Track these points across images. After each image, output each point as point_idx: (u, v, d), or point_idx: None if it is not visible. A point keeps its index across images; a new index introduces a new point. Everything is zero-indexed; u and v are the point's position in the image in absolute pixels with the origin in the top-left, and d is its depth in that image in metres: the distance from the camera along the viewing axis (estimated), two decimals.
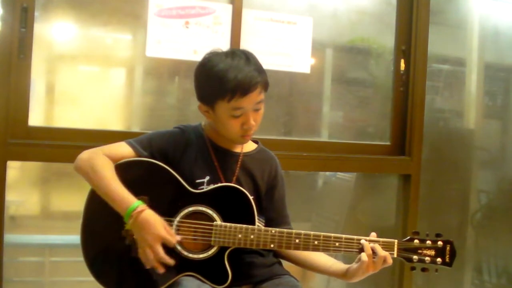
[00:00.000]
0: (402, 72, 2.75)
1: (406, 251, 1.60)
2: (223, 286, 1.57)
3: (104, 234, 1.62)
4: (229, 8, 2.41)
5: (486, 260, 3.24)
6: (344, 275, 1.64)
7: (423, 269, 1.61)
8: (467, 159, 3.13)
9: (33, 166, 2.32)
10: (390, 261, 1.57)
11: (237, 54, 1.61)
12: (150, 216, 1.51)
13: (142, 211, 1.50)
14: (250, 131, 1.63)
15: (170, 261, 1.51)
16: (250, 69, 1.57)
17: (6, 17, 2.09)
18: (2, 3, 2.09)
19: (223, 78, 1.54)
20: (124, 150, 1.64)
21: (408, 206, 2.74)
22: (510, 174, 3.24)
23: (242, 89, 1.54)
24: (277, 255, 1.79)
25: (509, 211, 3.19)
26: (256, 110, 1.62)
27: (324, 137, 2.75)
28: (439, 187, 3.00)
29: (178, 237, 1.55)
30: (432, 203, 2.92)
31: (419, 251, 1.60)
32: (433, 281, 2.98)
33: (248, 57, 1.60)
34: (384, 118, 2.80)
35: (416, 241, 1.61)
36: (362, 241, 1.58)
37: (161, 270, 1.52)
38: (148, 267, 1.53)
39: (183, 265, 1.57)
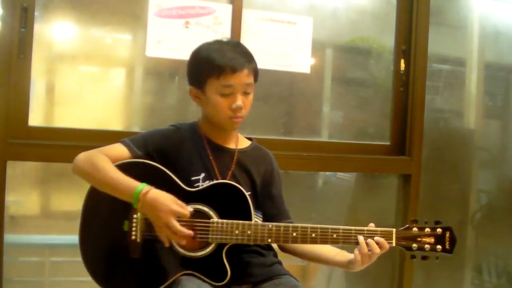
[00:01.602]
0: (402, 72, 2.75)
1: (405, 239, 1.59)
2: (223, 283, 1.57)
3: (102, 235, 1.63)
4: (229, 8, 2.41)
5: (486, 260, 3.24)
6: (346, 265, 1.65)
7: (424, 257, 1.59)
8: (467, 159, 3.12)
9: (33, 166, 2.32)
10: (386, 246, 1.57)
11: (228, 41, 1.71)
12: (158, 194, 1.51)
13: (148, 191, 1.51)
14: (238, 112, 1.64)
15: (189, 232, 1.52)
16: (239, 52, 1.65)
17: (6, 17, 2.10)
18: (2, 3, 2.09)
19: (212, 57, 1.61)
20: (120, 150, 1.65)
21: (408, 206, 2.75)
22: (510, 174, 3.23)
23: (232, 66, 1.60)
24: (283, 249, 1.79)
25: (509, 211, 3.19)
26: (245, 93, 1.64)
27: (324, 137, 2.75)
28: (439, 187, 3.00)
29: (190, 208, 1.55)
30: (432, 203, 2.92)
31: (418, 239, 1.58)
32: (433, 280, 2.97)
33: (238, 44, 1.71)
34: (384, 118, 2.80)
35: (414, 229, 1.59)
36: (359, 239, 1.57)
37: (183, 242, 1.54)
38: (167, 244, 1.54)
39: (181, 263, 1.58)
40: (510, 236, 3.18)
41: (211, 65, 1.60)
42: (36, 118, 2.20)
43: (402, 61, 2.75)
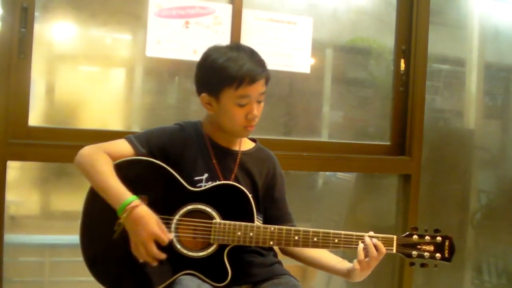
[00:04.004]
0: (402, 72, 2.75)
1: (405, 246, 1.60)
2: (223, 283, 1.57)
3: (103, 234, 1.62)
4: (229, 8, 2.41)
5: (486, 260, 3.24)
6: (347, 274, 1.65)
7: (422, 265, 1.61)
8: (467, 159, 3.13)
9: (33, 166, 2.32)
10: (383, 249, 1.57)
11: (242, 47, 1.66)
12: (144, 212, 1.51)
13: (136, 206, 1.50)
14: (253, 121, 1.64)
15: (163, 256, 1.52)
16: (255, 61, 1.62)
17: (6, 17, 2.09)
18: (2, 3, 2.09)
19: (231, 66, 1.57)
20: (123, 147, 1.65)
21: (408, 206, 2.75)
22: (510, 174, 3.24)
23: (251, 76, 1.57)
24: (285, 253, 1.79)
25: (509, 211, 3.19)
26: (259, 101, 1.64)
27: (324, 137, 2.75)
28: (439, 187, 3.00)
29: (171, 235, 1.55)
30: (432, 203, 2.92)
31: (418, 246, 1.60)
32: (433, 281, 2.98)
33: (253, 51, 1.66)
34: (384, 118, 2.80)
35: (415, 236, 1.61)
36: (359, 247, 1.58)
37: (154, 264, 1.52)
38: (141, 260, 1.53)
39: (182, 263, 1.57)
40: (510, 236, 3.18)
41: (230, 76, 1.57)
42: (36, 118, 2.20)
43: (402, 61, 2.75)
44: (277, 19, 2.52)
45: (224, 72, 1.58)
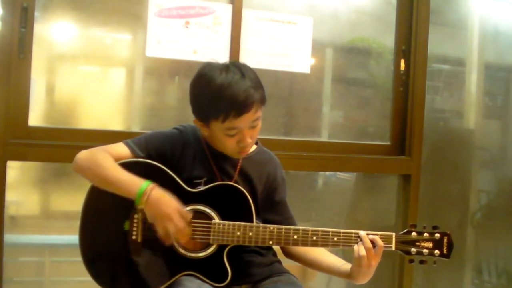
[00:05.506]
0: (402, 72, 2.75)
1: (404, 243, 1.61)
2: (223, 284, 1.57)
3: (102, 235, 1.62)
4: (229, 8, 2.41)
5: (486, 260, 3.24)
6: (349, 274, 1.64)
7: (421, 262, 1.62)
8: (467, 159, 3.13)
9: (33, 166, 2.32)
10: (381, 243, 1.57)
11: (231, 69, 1.54)
12: (162, 192, 1.52)
13: (153, 188, 1.51)
14: (246, 148, 1.61)
15: (189, 230, 1.53)
16: (246, 86, 1.51)
17: (6, 17, 2.10)
18: (2, 3, 2.09)
19: (217, 98, 1.51)
20: (121, 150, 1.64)
21: (408, 206, 2.75)
22: (510, 174, 3.24)
23: (237, 109, 1.50)
24: (288, 255, 1.79)
25: (509, 211, 3.19)
26: (252, 127, 1.58)
27: (324, 137, 2.75)
28: (439, 187, 3.00)
29: (190, 214, 1.56)
30: (432, 203, 2.92)
31: (417, 243, 1.61)
32: (433, 280, 2.98)
33: (243, 72, 1.54)
34: (384, 118, 2.80)
35: (413, 233, 1.62)
36: (361, 233, 1.58)
37: (183, 241, 1.54)
38: (168, 243, 1.54)
39: (182, 264, 1.57)
40: (510, 236, 3.18)
41: (215, 108, 1.51)
42: (36, 118, 2.20)
43: (402, 61, 2.75)
44: (277, 19, 2.52)
45: (210, 104, 1.53)
